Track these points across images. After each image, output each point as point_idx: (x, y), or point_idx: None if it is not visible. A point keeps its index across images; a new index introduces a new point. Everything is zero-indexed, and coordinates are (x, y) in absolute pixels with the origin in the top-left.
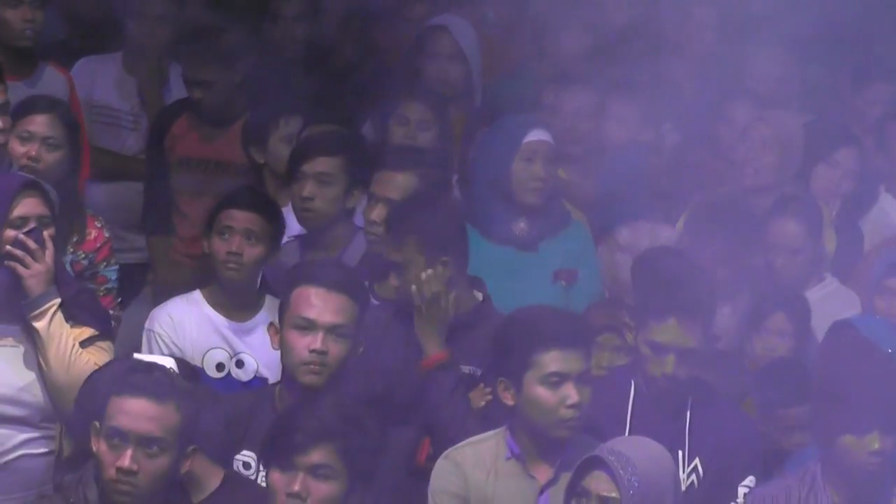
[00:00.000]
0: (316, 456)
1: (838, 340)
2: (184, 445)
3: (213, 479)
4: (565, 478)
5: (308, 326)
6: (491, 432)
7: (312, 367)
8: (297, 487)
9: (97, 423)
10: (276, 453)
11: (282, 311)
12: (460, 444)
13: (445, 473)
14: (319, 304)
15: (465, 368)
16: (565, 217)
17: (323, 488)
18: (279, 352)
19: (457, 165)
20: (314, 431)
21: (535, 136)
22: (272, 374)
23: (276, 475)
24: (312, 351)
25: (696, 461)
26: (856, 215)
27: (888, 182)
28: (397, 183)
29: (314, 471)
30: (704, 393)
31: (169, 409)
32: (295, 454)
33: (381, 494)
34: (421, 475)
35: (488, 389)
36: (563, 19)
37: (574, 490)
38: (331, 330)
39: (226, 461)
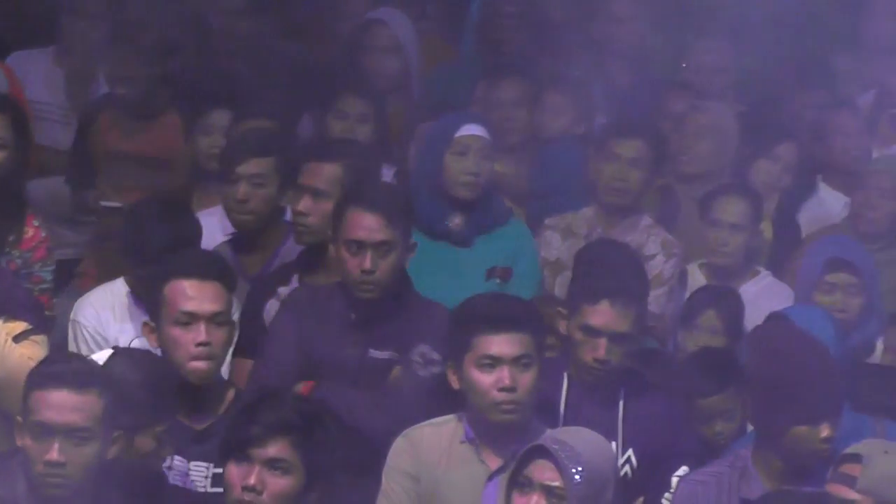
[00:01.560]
0: (273, 449)
1: (775, 332)
2: (109, 431)
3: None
4: None
5: (189, 321)
6: (453, 415)
7: (199, 362)
8: (252, 480)
9: (19, 418)
10: (233, 446)
11: (156, 308)
12: (421, 423)
13: (400, 451)
14: (196, 295)
15: (384, 354)
16: (503, 214)
17: (279, 482)
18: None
19: (396, 159)
20: (272, 425)
21: (468, 130)
22: None
23: (233, 468)
24: (199, 344)
25: (630, 452)
26: (794, 208)
27: (826, 172)
28: (324, 174)
29: (271, 464)
30: (637, 383)
31: (91, 398)
32: (252, 447)
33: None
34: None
35: (398, 368)
36: (500, 12)
37: (517, 479)
38: (211, 319)
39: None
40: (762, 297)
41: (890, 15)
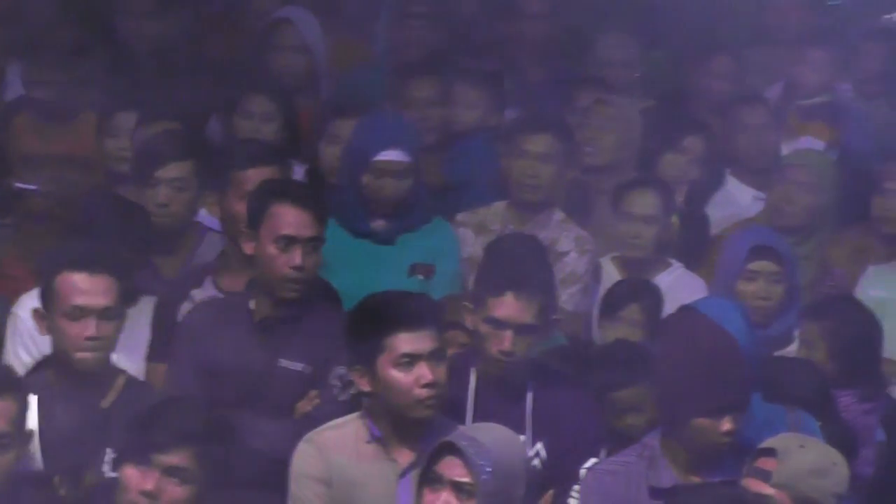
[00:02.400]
0: (175, 457)
1: (683, 323)
2: (24, 433)
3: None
4: None
5: (79, 314)
6: (351, 416)
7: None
8: (150, 486)
9: None
10: (133, 448)
11: (46, 297)
12: (321, 427)
13: (307, 457)
14: (87, 289)
15: (296, 365)
16: (426, 213)
17: (176, 491)
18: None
19: (306, 157)
20: (178, 432)
21: (385, 156)
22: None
23: (131, 470)
24: (88, 338)
25: (539, 445)
26: (702, 201)
27: (734, 165)
28: (262, 177)
29: (171, 472)
30: (545, 376)
31: (8, 403)
32: (154, 451)
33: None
34: None
35: (315, 393)
36: (410, 11)
37: (427, 476)
38: (101, 313)
39: None
40: (674, 288)
41: (795, 6)
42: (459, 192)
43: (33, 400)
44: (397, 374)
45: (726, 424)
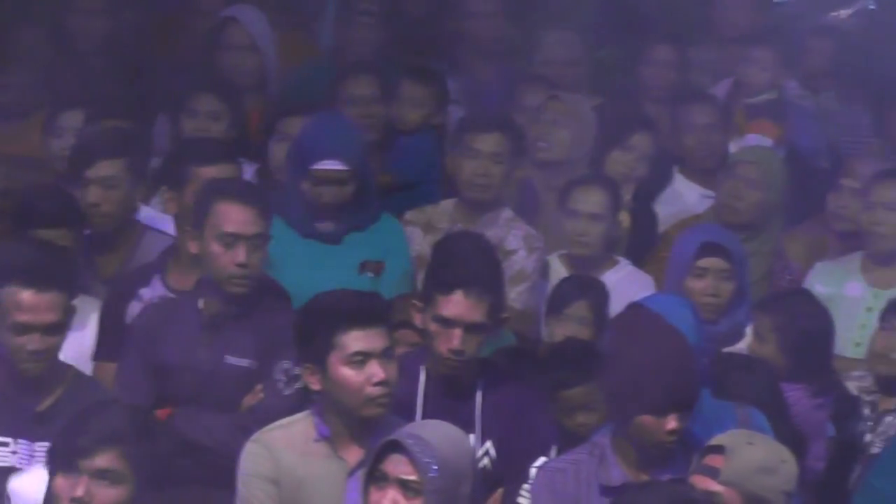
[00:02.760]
0: (101, 460)
1: (633, 320)
2: None
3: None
4: None
5: (25, 330)
6: (299, 415)
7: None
8: (80, 492)
9: None
10: (60, 457)
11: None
12: (269, 426)
13: (255, 456)
14: (34, 306)
15: (242, 362)
16: (374, 212)
17: (107, 493)
18: None
19: (256, 156)
20: (99, 436)
21: (323, 165)
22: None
23: (61, 479)
24: (32, 352)
25: (489, 444)
26: (650, 199)
27: (682, 163)
28: (217, 174)
29: (99, 475)
30: (494, 375)
31: None
32: (79, 457)
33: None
34: None
35: (260, 387)
36: (356, 8)
37: (373, 474)
38: (47, 329)
39: None
40: (622, 285)
41: (741, 4)
42: (405, 190)
43: None
44: (349, 373)
45: (671, 423)
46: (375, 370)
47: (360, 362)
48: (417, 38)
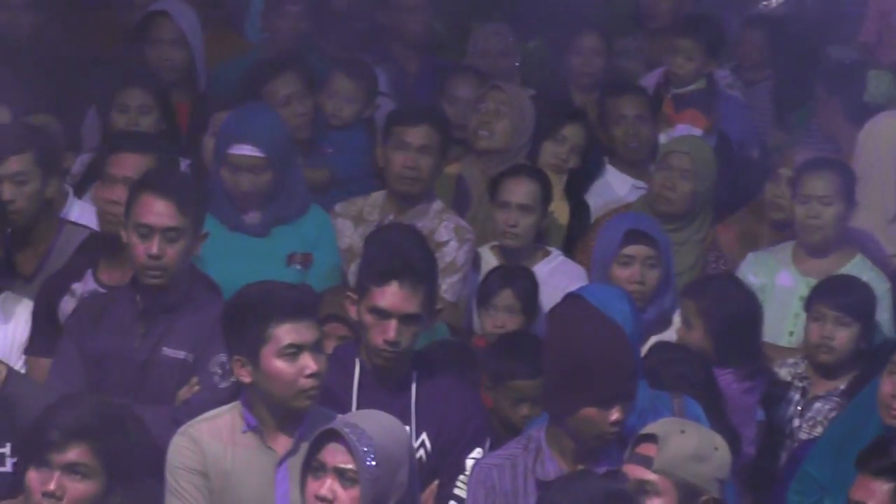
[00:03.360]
0: (72, 454)
1: (571, 312)
2: None
3: None
4: (305, 447)
5: None
6: (226, 406)
7: None
8: (52, 486)
9: None
10: (32, 451)
11: None
12: (196, 419)
13: (182, 449)
14: None
15: (179, 353)
16: (302, 204)
17: (79, 487)
18: None
19: (187, 150)
20: (70, 429)
21: (238, 150)
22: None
23: (33, 473)
24: None
25: (424, 436)
26: (582, 190)
27: (612, 155)
28: (133, 163)
29: (70, 469)
30: (429, 366)
31: None
32: (50, 452)
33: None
34: None
35: (195, 380)
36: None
37: (310, 464)
38: None
39: None
40: (555, 276)
41: None
42: (338, 185)
43: None
44: (282, 365)
45: (615, 414)
46: (308, 362)
47: (292, 354)
48: (345, 30)
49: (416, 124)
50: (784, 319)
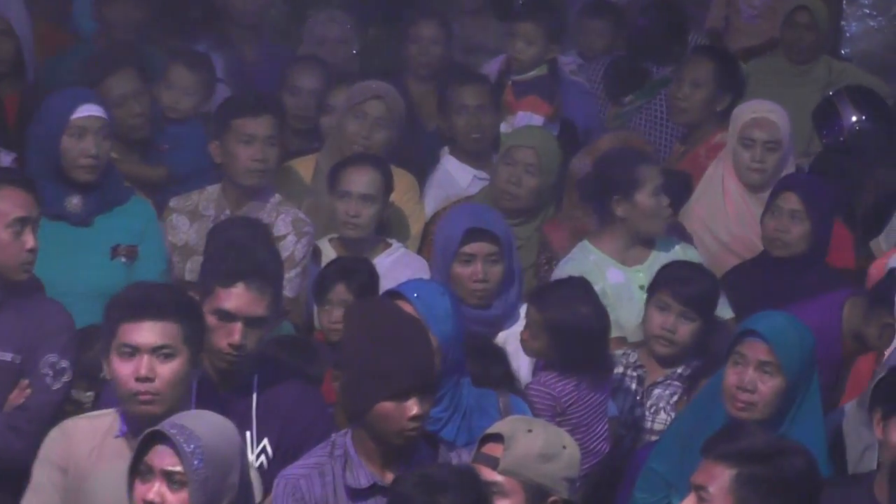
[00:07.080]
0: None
1: (365, 307)
2: None
3: None
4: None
5: None
6: (111, 409)
7: None
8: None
9: None
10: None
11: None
12: (82, 415)
13: (51, 441)
14: None
15: (5, 356)
16: (124, 193)
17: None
18: None
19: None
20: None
21: (85, 111)
22: None
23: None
24: None
25: (265, 441)
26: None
27: (452, 145)
28: None
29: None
30: (271, 370)
31: None
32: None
33: None
34: None
35: (26, 382)
36: None
37: (137, 467)
38: None
39: None
40: (395, 269)
41: None
42: (178, 182)
43: None
44: (117, 363)
45: (413, 408)
46: (140, 365)
47: (128, 354)
48: (180, 15)
49: (258, 115)
50: (633, 314)
